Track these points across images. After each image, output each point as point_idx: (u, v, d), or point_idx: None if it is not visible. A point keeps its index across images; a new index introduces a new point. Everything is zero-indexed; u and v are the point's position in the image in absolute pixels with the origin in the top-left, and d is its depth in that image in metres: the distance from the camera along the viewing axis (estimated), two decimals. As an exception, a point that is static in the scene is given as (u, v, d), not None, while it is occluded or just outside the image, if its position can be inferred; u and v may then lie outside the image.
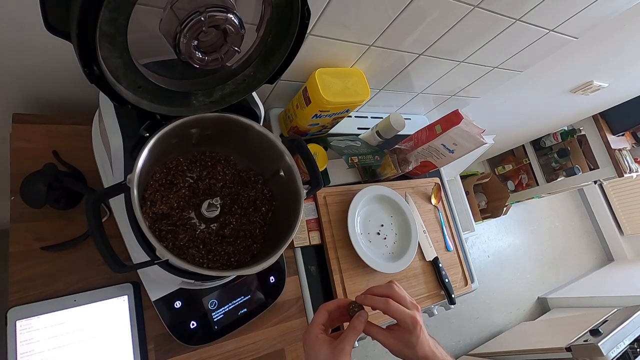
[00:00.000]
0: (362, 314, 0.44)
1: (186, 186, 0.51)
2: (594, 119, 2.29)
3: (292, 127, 0.80)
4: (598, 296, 2.43)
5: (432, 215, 0.94)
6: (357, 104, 0.74)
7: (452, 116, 0.79)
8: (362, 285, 0.77)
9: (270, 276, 0.67)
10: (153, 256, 0.42)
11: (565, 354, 1.52)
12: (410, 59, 0.78)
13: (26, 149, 0.59)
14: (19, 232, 0.55)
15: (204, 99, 0.48)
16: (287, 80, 0.75)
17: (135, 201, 0.40)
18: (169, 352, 0.58)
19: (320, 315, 0.44)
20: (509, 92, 1.22)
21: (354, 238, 0.77)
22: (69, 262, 0.56)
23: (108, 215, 0.59)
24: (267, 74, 0.47)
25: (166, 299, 0.56)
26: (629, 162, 2.33)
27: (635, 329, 1.57)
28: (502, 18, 0.68)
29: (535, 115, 1.70)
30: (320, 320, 0.44)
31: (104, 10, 0.31)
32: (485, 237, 2.61)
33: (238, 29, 0.40)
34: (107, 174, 0.57)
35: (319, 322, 0.44)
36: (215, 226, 0.52)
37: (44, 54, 0.54)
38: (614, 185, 3.20)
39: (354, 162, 0.79)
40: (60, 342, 0.51)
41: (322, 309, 0.45)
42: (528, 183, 2.64)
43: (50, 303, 0.52)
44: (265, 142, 0.53)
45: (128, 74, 0.39)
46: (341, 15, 0.59)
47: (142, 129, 0.47)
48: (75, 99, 0.67)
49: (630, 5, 0.77)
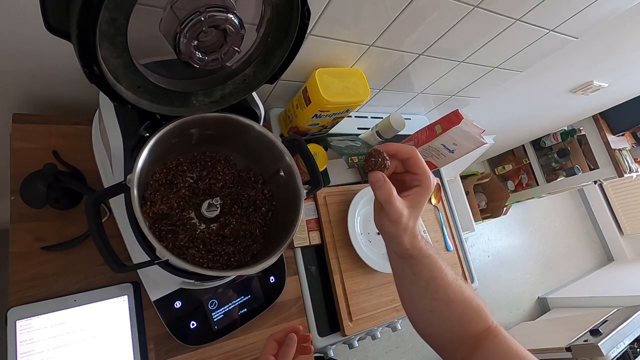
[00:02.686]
0: (292, 337, 0.46)
1: (186, 186, 0.51)
2: (594, 119, 2.29)
3: (292, 127, 0.80)
4: (598, 296, 2.44)
5: (432, 215, 0.94)
6: (357, 104, 0.74)
7: (452, 116, 0.79)
8: (362, 285, 0.77)
9: (270, 276, 0.67)
10: (153, 256, 0.42)
11: (565, 354, 1.52)
12: (410, 59, 0.78)
13: (26, 149, 0.59)
14: (19, 232, 0.55)
15: (204, 99, 0.48)
16: (287, 80, 0.75)
17: (135, 201, 0.40)
18: (169, 352, 0.58)
19: (269, 346, 0.46)
20: (509, 92, 1.22)
21: (354, 238, 0.77)
22: (69, 262, 0.56)
23: (108, 215, 0.59)
24: (267, 74, 0.47)
25: (166, 299, 0.56)
26: (629, 162, 2.33)
27: (635, 329, 1.57)
28: (502, 18, 0.68)
29: (535, 115, 1.70)
30: (270, 351, 0.46)
31: (104, 10, 0.31)
32: (485, 237, 2.61)
33: (238, 29, 0.40)
34: (107, 174, 0.57)
35: (269, 353, 0.45)
36: (215, 226, 0.52)
37: (43, 54, 0.54)
38: (614, 185, 3.19)
39: (354, 162, 0.79)
40: (60, 342, 0.51)
41: (270, 339, 0.47)
42: (528, 183, 2.64)
43: (50, 303, 0.52)
44: (265, 142, 0.53)
45: (128, 74, 0.39)
46: (341, 15, 0.59)
47: (142, 129, 0.47)
48: (75, 99, 0.67)
49: (630, 6, 0.77)
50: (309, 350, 0.49)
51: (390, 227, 0.41)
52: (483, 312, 0.42)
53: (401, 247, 0.42)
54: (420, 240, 0.42)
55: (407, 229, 0.41)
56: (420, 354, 1.94)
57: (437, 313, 0.42)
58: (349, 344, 0.82)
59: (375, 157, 0.41)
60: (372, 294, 0.78)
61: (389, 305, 0.79)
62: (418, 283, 0.42)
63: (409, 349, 1.93)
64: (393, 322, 0.81)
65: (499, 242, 2.66)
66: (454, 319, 0.42)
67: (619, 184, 3.14)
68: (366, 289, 0.77)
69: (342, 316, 0.72)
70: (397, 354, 1.90)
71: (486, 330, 0.41)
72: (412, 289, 0.44)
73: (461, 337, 0.42)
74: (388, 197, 0.40)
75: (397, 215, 0.40)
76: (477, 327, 0.41)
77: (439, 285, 0.41)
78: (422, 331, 0.45)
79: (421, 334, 0.45)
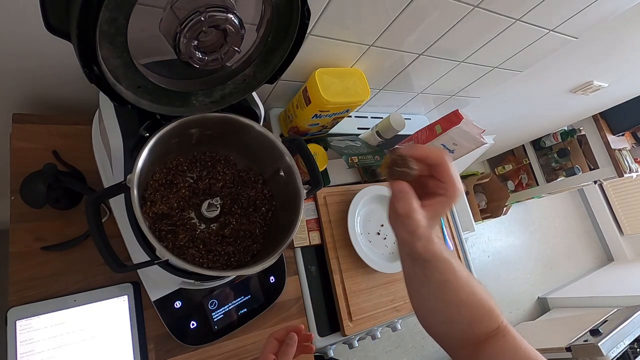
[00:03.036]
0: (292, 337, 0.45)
1: (186, 186, 0.51)
2: (594, 119, 2.29)
3: (292, 127, 0.80)
4: (598, 296, 2.43)
5: (432, 215, 0.94)
6: (357, 104, 0.74)
7: (452, 116, 0.79)
8: (362, 285, 0.77)
9: (270, 276, 0.67)
10: (153, 256, 0.42)
11: (565, 354, 1.52)
12: (410, 59, 0.78)
13: (26, 149, 0.59)
14: (19, 232, 0.55)
15: (204, 99, 0.48)
16: (287, 80, 0.75)
17: (135, 201, 0.40)
18: (169, 352, 0.58)
19: (270, 344, 0.45)
20: (509, 92, 1.22)
21: (354, 238, 0.77)
22: (69, 262, 0.56)
23: (108, 215, 0.59)
24: (267, 74, 0.47)
25: (166, 299, 0.56)
26: (629, 162, 2.33)
27: (635, 329, 1.57)
28: (502, 18, 0.68)
29: (536, 115, 1.70)
30: (270, 350, 0.45)
31: (104, 10, 0.31)
32: (485, 237, 2.61)
33: (238, 29, 0.40)
34: (107, 174, 0.57)
35: (269, 351, 0.45)
36: (215, 226, 0.52)
37: (44, 54, 0.54)
38: (614, 185, 3.19)
39: (354, 162, 0.79)
40: (60, 342, 0.51)
41: (271, 338, 0.46)
42: (528, 183, 2.64)
43: (50, 303, 0.52)
44: (265, 142, 0.53)
45: (128, 74, 0.39)
46: (341, 15, 0.59)
47: (142, 129, 0.47)
48: (75, 99, 0.67)
49: (630, 5, 0.77)
50: (311, 349, 0.48)
51: (405, 234, 0.39)
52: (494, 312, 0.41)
53: (414, 252, 0.39)
54: (434, 244, 0.39)
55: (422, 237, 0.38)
56: (420, 354, 1.94)
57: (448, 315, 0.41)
58: (349, 344, 0.82)
59: (401, 167, 0.37)
60: (372, 294, 0.78)
61: (389, 305, 0.79)
62: (429, 285, 0.41)
63: (409, 349, 1.93)
64: (393, 322, 0.81)
65: (499, 242, 2.66)
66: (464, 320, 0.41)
67: (619, 184, 3.14)
68: (366, 289, 0.77)
69: (342, 316, 0.72)
70: (397, 354, 1.90)
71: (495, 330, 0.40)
72: (422, 291, 0.42)
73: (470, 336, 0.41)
74: (409, 212, 0.37)
75: (415, 227, 0.37)
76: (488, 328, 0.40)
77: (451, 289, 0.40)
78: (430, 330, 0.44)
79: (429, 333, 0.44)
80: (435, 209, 0.38)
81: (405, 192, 0.37)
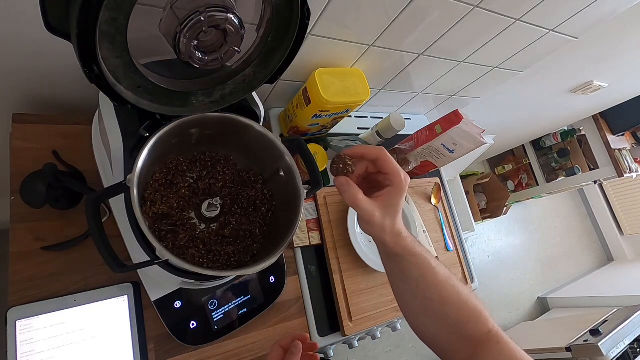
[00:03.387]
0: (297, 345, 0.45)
1: (186, 186, 0.51)
2: (594, 119, 2.29)
3: (292, 127, 0.80)
4: (598, 296, 2.44)
5: (432, 215, 0.94)
6: (357, 104, 0.74)
7: (452, 116, 0.79)
8: (362, 285, 0.77)
9: (270, 276, 0.67)
10: (153, 256, 0.42)
11: (565, 354, 1.52)
12: (410, 59, 0.78)
13: (26, 149, 0.59)
14: (19, 232, 0.55)
15: (204, 99, 0.48)
16: (287, 80, 0.75)
17: (135, 201, 0.40)
18: (169, 352, 0.58)
19: (275, 352, 0.45)
20: (509, 92, 1.22)
21: (354, 238, 0.77)
22: (69, 262, 0.56)
23: (108, 215, 0.59)
24: (267, 74, 0.47)
25: (166, 299, 0.56)
26: (629, 162, 2.33)
27: (635, 329, 1.57)
28: (502, 18, 0.68)
29: (535, 115, 1.70)
30: (275, 357, 0.45)
31: (104, 10, 0.31)
32: (485, 237, 2.61)
33: (238, 29, 0.40)
34: (107, 174, 0.57)
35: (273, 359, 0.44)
36: (215, 226, 0.52)
37: (44, 54, 0.54)
38: (614, 185, 3.20)
39: (354, 162, 0.79)
40: (60, 342, 0.51)
41: (276, 345, 0.46)
42: (528, 183, 2.64)
43: (50, 303, 0.52)
44: (265, 142, 0.53)
45: (128, 74, 0.39)
46: (341, 15, 0.59)
47: (142, 129, 0.47)
48: (75, 99, 0.67)
49: (630, 6, 0.77)
50: (315, 359, 0.48)
51: (367, 227, 0.42)
52: (481, 314, 0.42)
53: (385, 247, 0.42)
54: (405, 239, 0.42)
55: (384, 228, 0.41)
56: (420, 354, 1.94)
57: (431, 313, 0.42)
58: (349, 344, 0.82)
59: (337, 164, 0.42)
60: (372, 294, 0.78)
61: (389, 305, 0.79)
62: (409, 282, 0.43)
63: (409, 349, 1.93)
64: (393, 322, 0.82)
65: (499, 242, 2.66)
66: (449, 319, 0.41)
67: (619, 184, 3.14)
68: (366, 289, 0.77)
69: (342, 316, 0.72)
70: (397, 354, 1.91)
71: (486, 335, 0.41)
72: (403, 288, 0.44)
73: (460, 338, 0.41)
74: (354, 200, 0.41)
75: (368, 216, 0.41)
76: (476, 330, 0.41)
77: (430, 284, 0.41)
78: (420, 334, 0.45)
79: (421, 338, 0.45)
80: (386, 199, 0.41)
81: (343, 184, 0.41)
